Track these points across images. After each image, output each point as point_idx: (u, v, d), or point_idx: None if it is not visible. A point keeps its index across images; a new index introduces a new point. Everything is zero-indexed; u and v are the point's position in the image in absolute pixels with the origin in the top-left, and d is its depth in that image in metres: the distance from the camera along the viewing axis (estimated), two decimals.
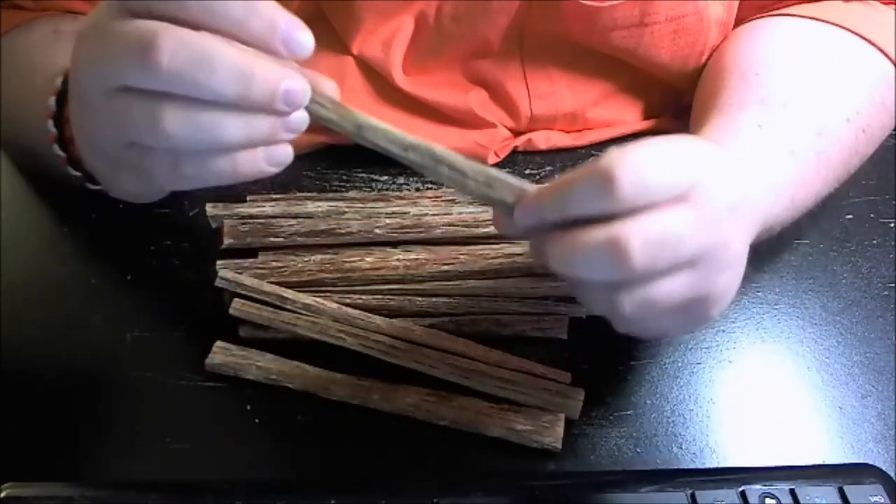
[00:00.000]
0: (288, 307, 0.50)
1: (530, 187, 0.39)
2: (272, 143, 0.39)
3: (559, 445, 0.46)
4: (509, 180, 0.40)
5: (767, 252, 0.55)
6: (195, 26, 0.36)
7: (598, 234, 0.36)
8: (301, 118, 0.39)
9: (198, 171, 0.39)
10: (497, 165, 0.61)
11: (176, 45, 0.35)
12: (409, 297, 0.51)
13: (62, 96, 0.48)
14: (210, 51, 0.36)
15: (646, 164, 0.36)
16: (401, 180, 0.60)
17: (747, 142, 0.47)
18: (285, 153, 0.40)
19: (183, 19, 0.36)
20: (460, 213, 0.55)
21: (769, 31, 0.57)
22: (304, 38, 0.37)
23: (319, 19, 0.57)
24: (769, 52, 0.55)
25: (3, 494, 0.43)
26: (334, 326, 0.50)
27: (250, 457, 0.46)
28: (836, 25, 0.55)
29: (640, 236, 0.36)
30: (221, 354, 0.49)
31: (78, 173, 0.50)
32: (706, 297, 0.40)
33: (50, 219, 0.59)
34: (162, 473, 0.46)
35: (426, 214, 0.55)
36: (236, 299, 0.51)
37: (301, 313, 0.50)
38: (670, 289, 0.38)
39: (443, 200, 0.57)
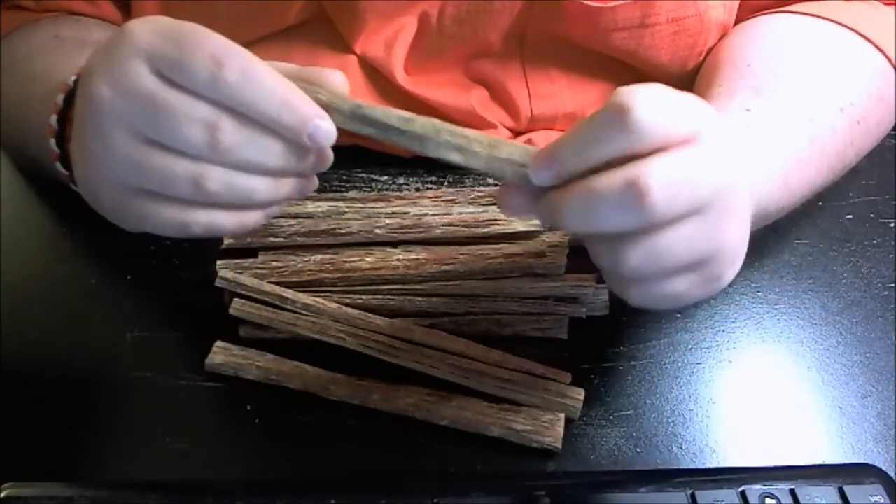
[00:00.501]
0: (288, 307, 0.51)
1: (536, 148, 0.39)
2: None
3: (559, 445, 0.46)
4: (514, 142, 0.39)
5: (767, 252, 0.55)
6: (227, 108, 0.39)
7: (616, 176, 0.36)
8: (314, 183, 0.44)
9: (208, 223, 0.41)
10: None
11: (240, 130, 0.38)
12: (409, 297, 0.51)
13: (63, 111, 0.48)
14: (266, 135, 0.39)
15: (658, 98, 0.36)
16: (401, 180, 0.60)
17: (737, 123, 0.47)
18: (277, 210, 0.43)
19: (217, 101, 0.38)
20: (460, 213, 0.55)
21: (766, 27, 0.57)
22: (329, 130, 0.39)
23: (322, 19, 0.57)
24: (763, 45, 0.55)
25: (3, 494, 0.43)
26: (334, 326, 0.50)
27: (250, 457, 0.46)
28: (835, 22, 0.55)
29: (658, 176, 0.35)
30: (221, 354, 0.49)
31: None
32: (716, 252, 0.39)
33: (50, 219, 0.59)
34: (162, 473, 0.46)
35: (426, 214, 0.55)
36: (236, 299, 0.51)
37: (301, 313, 0.50)
38: (678, 237, 0.37)
39: (443, 200, 0.57)
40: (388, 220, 0.54)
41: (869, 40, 0.55)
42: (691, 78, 0.60)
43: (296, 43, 0.58)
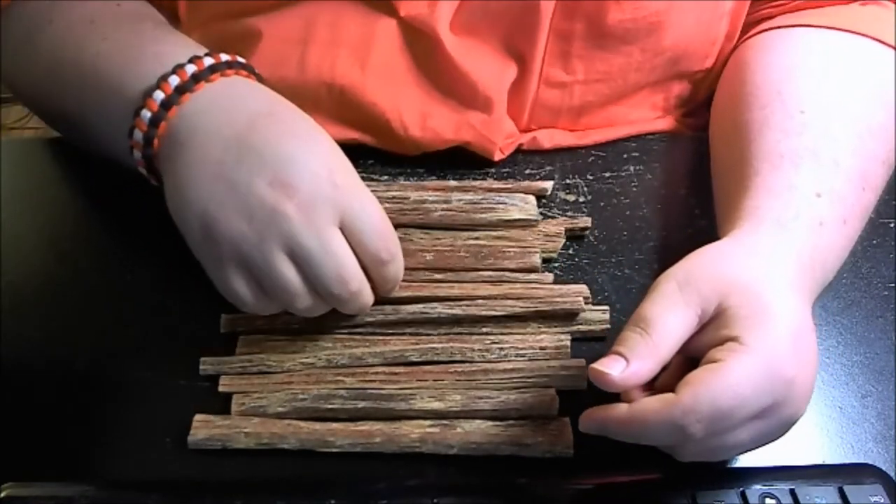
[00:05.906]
0: (276, 370, 0.49)
1: None
2: None
3: (571, 451, 0.45)
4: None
5: None
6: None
7: (662, 415, 0.39)
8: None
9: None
10: (500, 163, 0.61)
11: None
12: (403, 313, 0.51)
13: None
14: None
15: (722, 404, 0.39)
16: (401, 180, 0.60)
17: (809, 218, 0.47)
18: None
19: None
20: (459, 200, 0.55)
21: (797, 48, 0.57)
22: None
23: None
24: (807, 81, 0.54)
25: (3, 494, 0.43)
26: (330, 372, 0.48)
27: (250, 457, 0.46)
28: (861, 35, 0.55)
29: (703, 410, 0.39)
30: (204, 429, 0.46)
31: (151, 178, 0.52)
32: (777, 430, 0.42)
33: (50, 219, 0.59)
34: (162, 473, 0.46)
35: (426, 200, 0.55)
36: (223, 377, 0.48)
37: (294, 370, 0.49)
38: (738, 439, 0.41)
39: (443, 189, 0.57)
40: (387, 205, 0.54)
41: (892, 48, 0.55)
42: (707, 60, 0.60)
43: (323, 5, 0.57)
